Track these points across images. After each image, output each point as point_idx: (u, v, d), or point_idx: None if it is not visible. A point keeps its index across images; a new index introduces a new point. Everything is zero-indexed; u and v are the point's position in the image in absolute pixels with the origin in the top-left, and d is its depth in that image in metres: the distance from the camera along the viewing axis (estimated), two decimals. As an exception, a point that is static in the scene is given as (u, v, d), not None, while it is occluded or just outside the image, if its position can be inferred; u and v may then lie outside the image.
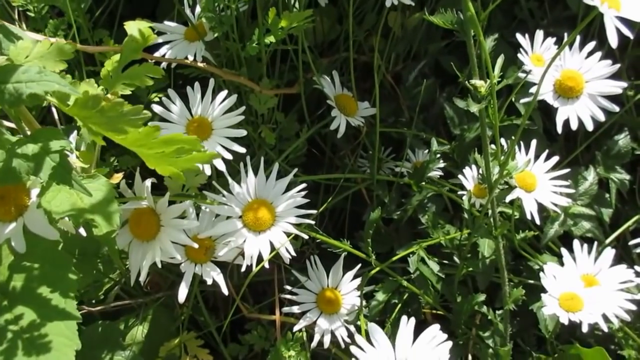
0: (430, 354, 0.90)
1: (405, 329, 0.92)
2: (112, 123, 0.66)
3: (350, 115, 1.23)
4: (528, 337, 1.30)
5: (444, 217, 1.31)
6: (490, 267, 1.20)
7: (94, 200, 0.80)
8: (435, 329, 0.91)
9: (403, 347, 0.91)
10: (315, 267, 1.16)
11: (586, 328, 1.02)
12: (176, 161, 0.73)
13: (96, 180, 0.82)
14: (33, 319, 0.81)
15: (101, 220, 0.78)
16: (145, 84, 0.87)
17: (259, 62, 1.17)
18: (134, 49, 0.87)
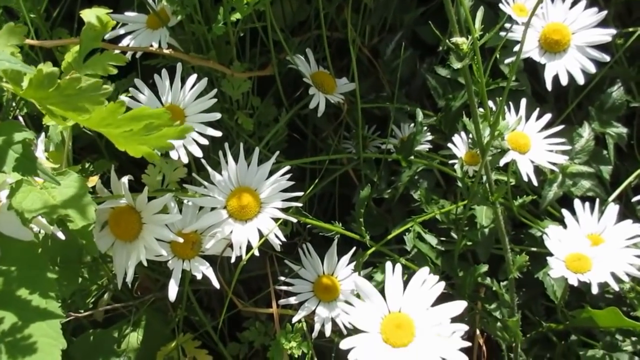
0: (425, 298, 0.87)
1: (393, 277, 0.89)
2: (71, 101, 0.64)
3: (328, 93, 1.20)
4: (536, 307, 1.28)
5: (437, 193, 1.28)
6: (490, 238, 1.18)
7: (67, 196, 0.79)
8: (424, 272, 0.88)
9: (394, 296, 0.88)
10: (308, 254, 1.14)
11: (596, 289, 1.00)
12: (147, 139, 0.70)
13: (67, 177, 0.81)
14: (14, 321, 0.79)
15: (75, 215, 0.77)
16: (108, 73, 0.85)
17: (227, 45, 1.15)
18: (93, 37, 0.85)
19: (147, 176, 1.03)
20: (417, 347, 0.84)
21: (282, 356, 1.10)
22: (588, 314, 1.10)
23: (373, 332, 0.86)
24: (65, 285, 1.02)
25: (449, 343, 0.83)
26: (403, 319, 0.86)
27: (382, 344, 0.85)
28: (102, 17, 0.85)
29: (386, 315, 0.87)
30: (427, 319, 0.86)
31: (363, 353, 0.83)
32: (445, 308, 0.86)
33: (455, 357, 0.82)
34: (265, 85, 1.28)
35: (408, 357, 0.83)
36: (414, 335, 0.85)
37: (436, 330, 0.85)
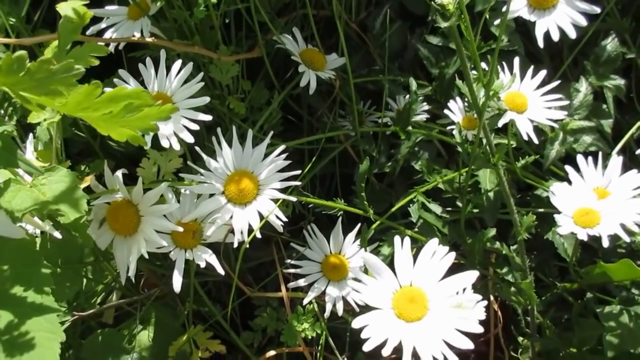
0: (436, 270, 0.85)
1: (402, 251, 0.87)
2: (43, 85, 0.62)
3: (319, 70, 1.18)
4: (549, 269, 1.25)
5: (439, 163, 1.26)
6: (496, 202, 1.16)
7: (57, 191, 0.78)
8: (433, 243, 0.86)
9: (404, 270, 0.86)
10: (314, 235, 1.13)
11: (607, 242, 0.98)
12: (129, 121, 0.68)
13: (56, 172, 0.80)
14: (10, 319, 0.77)
15: (67, 208, 0.76)
16: (90, 65, 0.83)
17: (212, 30, 1.13)
18: (71, 30, 0.83)
19: (142, 169, 1.01)
20: (431, 321, 0.82)
21: (296, 339, 1.09)
22: (601, 269, 1.08)
23: (385, 308, 0.84)
24: (68, 286, 1.00)
25: (464, 314, 0.81)
26: (415, 293, 0.85)
27: (395, 320, 0.83)
28: (79, 9, 0.83)
29: (397, 290, 0.86)
30: (440, 291, 0.84)
31: (376, 330, 0.81)
32: (457, 279, 0.84)
33: (470, 328, 0.80)
34: (255, 69, 1.26)
35: (422, 331, 0.81)
36: (427, 308, 0.83)
37: (449, 301, 0.82)
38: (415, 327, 0.82)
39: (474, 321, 0.80)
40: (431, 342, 0.79)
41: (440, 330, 0.80)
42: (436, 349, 0.79)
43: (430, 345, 0.79)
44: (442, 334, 0.80)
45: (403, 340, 0.80)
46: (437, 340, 0.79)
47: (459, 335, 0.79)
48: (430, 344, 0.79)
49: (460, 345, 0.78)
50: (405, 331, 0.81)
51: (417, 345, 0.79)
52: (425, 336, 0.80)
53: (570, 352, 1.17)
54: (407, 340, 0.80)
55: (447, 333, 0.80)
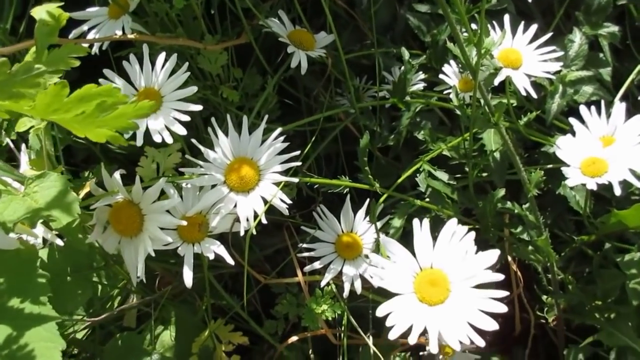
0: (456, 250, 0.81)
1: (421, 233, 0.83)
2: (4, 89, 0.58)
3: (309, 49, 1.13)
4: (565, 224, 1.22)
5: (443, 131, 1.22)
6: (503, 163, 1.12)
7: (49, 197, 0.75)
8: (453, 224, 0.82)
9: (424, 252, 0.82)
10: (324, 216, 1.09)
11: (619, 190, 0.94)
12: (105, 120, 0.64)
13: (47, 178, 0.76)
14: (9, 333, 0.75)
15: (59, 213, 0.73)
16: (71, 66, 0.78)
17: (195, 21, 1.08)
18: (48, 33, 0.78)
19: (141, 168, 0.97)
20: (455, 303, 0.79)
21: (317, 322, 1.05)
22: (616, 218, 1.04)
23: (407, 292, 0.81)
24: (80, 294, 0.97)
25: (486, 294, 0.78)
26: (436, 275, 0.81)
27: (419, 304, 0.80)
28: (53, 11, 0.79)
29: (418, 273, 0.82)
30: (461, 272, 0.80)
31: (400, 317, 0.78)
32: (478, 258, 0.80)
33: (494, 307, 0.77)
34: (246, 56, 1.21)
35: (446, 314, 0.78)
36: (449, 290, 0.80)
37: (471, 282, 0.79)
38: (439, 310, 0.79)
39: (496, 302, 0.77)
40: (456, 325, 0.76)
41: (464, 312, 0.77)
42: (461, 332, 0.76)
43: (455, 328, 0.76)
44: (466, 316, 0.77)
45: (428, 325, 0.77)
46: (461, 323, 0.76)
47: (483, 317, 0.76)
48: (455, 327, 0.76)
49: (485, 326, 0.76)
50: (429, 316, 0.78)
51: (442, 329, 0.76)
52: (449, 320, 0.77)
53: (595, 305, 1.14)
54: (432, 325, 0.77)
55: (471, 315, 0.77)
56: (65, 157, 1.23)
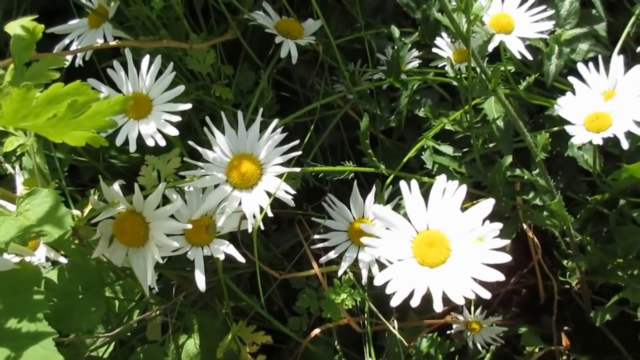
0: (450, 207, 0.76)
1: (411, 195, 0.78)
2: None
3: (297, 38, 1.08)
4: (577, 186, 1.17)
5: (444, 107, 1.17)
6: (508, 130, 1.08)
7: (41, 213, 0.70)
8: (442, 180, 0.77)
9: (418, 215, 0.77)
10: (334, 205, 1.04)
11: (626, 143, 0.89)
12: (80, 122, 0.59)
13: (38, 195, 0.72)
14: (7, 355, 0.70)
15: (50, 228, 0.68)
16: (52, 78, 0.73)
17: (178, 21, 1.03)
18: (24, 47, 0.74)
19: (142, 177, 0.92)
20: (456, 260, 0.74)
21: (339, 312, 1.01)
22: (627, 172, 0.99)
23: (406, 258, 0.76)
24: (94, 311, 0.93)
25: (488, 246, 0.73)
26: (434, 236, 0.76)
27: (419, 268, 0.75)
28: (28, 25, 0.74)
29: (415, 237, 0.77)
30: (458, 228, 0.75)
31: (401, 283, 0.73)
32: (473, 212, 0.75)
33: (498, 258, 0.72)
34: (235, 53, 1.17)
35: (449, 274, 0.73)
36: (449, 249, 0.75)
37: (471, 237, 0.74)
38: (441, 270, 0.74)
39: (499, 252, 0.72)
40: (460, 282, 0.71)
41: (467, 268, 0.72)
42: (465, 288, 0.70)
43: (459, 286, 0.71)
44: (469, 271, 0.72)
45: (431, 287, 0.72)
46: (465, 280, 0.71)
47: (487, 270, 0.71)
48: (459, 285, 0.71)
49: (491, 278, 0.71)
50: (431, 277, 0.73)
51: (446, 288, 0.71)
52: (452, 278, 0.72)
53: (617, 263, 1.09)
54: (435, 286, 0.71)
55: (474, 270, 0.72)
56: (72, 177, 1.19)
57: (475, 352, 1.18)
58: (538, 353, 1.15)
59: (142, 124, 0.90)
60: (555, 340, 1.19)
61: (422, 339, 1.14)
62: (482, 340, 1.14)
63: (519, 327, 1.22)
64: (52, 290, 0.91)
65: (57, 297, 0.91)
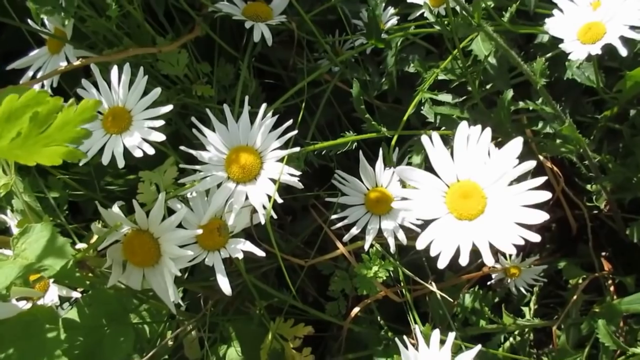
0: (477, 154, 0.70)
1: (434, 148, 0.71)
2: None
3: (267, 19, 1.02)
4: (583, 108, 1.12)
5: (433, 60, 1.10)
6: (502, 67, 1.02)
7: (39, 249, 0.64)
8: (464, 127, 0.71)
9: (445, 167, 0.71)
10: (345, 180, 0.97)
11: (624, 50, 0.84)
12: (49, 136, 0.52)
13: (32, 231, 0.66)
14: None
15: (51, 261, 0.63)
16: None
17: (140, 28, 0.97)
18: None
19: (142, 194, 0.86)
20: (495, 208, 0.68)
21: (374, 286, 0.94)
22: (631, 80, 0.95)
23: (442, 214, 0.70)
24: (123, 341, 0.87)
25: (524, 187, 0.67)
26: (466, 187, 0.70)
27: (458, 223, 0.69)
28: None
29: (447, 191, 0.71)
30: (490, 174, 0.69)
31: (443, 241, 0.67)
32: (503, 154, 0.69)
33: (537, 198, 0.66)
34: (210, 50, 1.10)
35: (490, 222, 0.67)
36: (485, 197, 0.69)
37: (504, 181, 0.68)
38: (482, 221, 0.68)
39: (536, 191, 0.66)
40: (504, 230, 0.65)
41: (508, 214, 0.66)
42: (512, 234, 0.65)
43: (505, 234, 0.65)
44: (512, 217, 0.66)
45: (475, 240, 0.66)
46: (509, 226, 0.66)
47: (530, 211, 0.66)
48: (505, 232, 0.65)
49: (536, 220, 0.65)
50: (473, 230, 0.67)
51: (492, 239, 0.65)
52: (496, 227, 0.66)
53: (640, 175, 1.03)
54: (479, 238, 0.66)
55: (516, 214, 0.66)
56: (74, 216, 1.15)
57: (520, 297, 1.15)
58: (583, 283, 1.10)
59: (125, 137, 0.85)
60: (597, 266, 1.13)
61: (465, 296, 1.09)
62: (524, 283, 1.09)
63: (558, 262, 1.17)
64: (75, 329, 0.85)
65: (82, 335, 0.85)
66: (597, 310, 1.06)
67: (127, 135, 0.84)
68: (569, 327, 1.07)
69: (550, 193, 0.65)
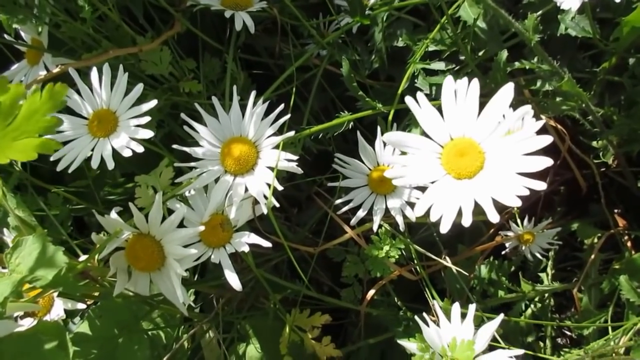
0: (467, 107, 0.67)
1: (421, 109, 0.69)
2: None
3: (248, 6, 0.98)
4: (580, 63, 1.08)
5: (421, 32, 1.07)
6: (492, 30, 0.99)
7: (32, 261, 0.60)
8: (449, 82, 0.68)
9: (435, 127, 0.68)
10: (345, 163, 0.93)
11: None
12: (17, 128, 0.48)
13: (24, 244, 0.63)
14: None
15: (43, 271, 0.60)
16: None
17: (119, 29, 0.93)
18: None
19: (140, 198, 0.82)
20: (494, 162, 0.65)
21: (387, 266, 0.91)
22: (627, 25, 0.92)
23: (440, 176, 0.66)
24: (137, 349, 0.83)
25: (521, 136, 0.63)
26: (461, 144, 0.67)
27: (458, 183, 0.65)
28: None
29: (441, 152, 0.67)
30: (484, 126, 0.66)
31: (443, 204, 0.63)
32: (494, 104, 0.66)
33: (537, 144, 0.62)
34: (193, 46, 1.07)
35: (492, 178, 0.64)
36: (482, 152, 0.66)
37: (499, 132, 0.65)
38: (482, 177, 0.65)
39: (535, 136, 0.62)
40: (507, 183, 0.62)
41: (509, 166, 0.63)
42: (515, 186, 0.61)
43: (508, 187, 0.62)
44: (513, 168, 0.62)
45: (477, 198, 0.62)
46: (512, 178, 0.62)
47: (531, 159, 0.62)
48: (507, 186, 0.62)
49: (539, 166, 0.61)
50: (474, 188, 0.64)
51: (495, 194, 0.62)
52: (497, 182, 0.63)
53: (647, 123, 1.00)
54: (481, 196, 0.62)
55: (518, 164, 0.62)
56: (80, 231, 1.11)
57: (536, 263, 1.12)
58: (599, 242, 1.06)
59: (113, 139, 0.82)
60: (612, 223, 1.10)
61: (481, 267, 1.05)
62: (539, 249, 1.06)
63: (570, 224, 1.14)
64: (88, 342, 0.82)
65: (96, 347, 0.82)
66: (617, 267, 1.02)
67: (115, 136, 0.81)
68: (589, 288, 1.04)
69: (551, 137, 0.62)
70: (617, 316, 1.00)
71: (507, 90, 0.64)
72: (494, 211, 0.61)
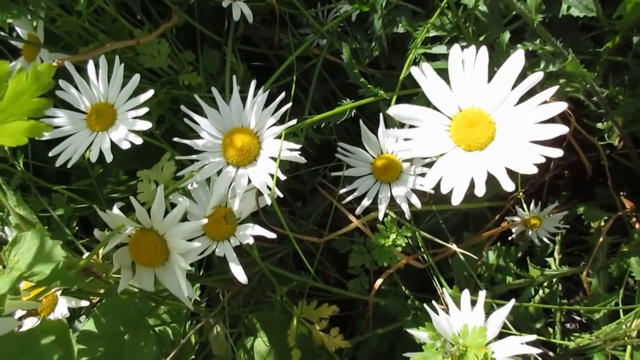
0: (475, 77, 0.65)
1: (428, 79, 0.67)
2: None
3: (245, -5, 0.96)
4: (583, 45, 1.05)
5: (420, 20, 1.04)
6: (493, 12, 0.95)
7: (30, 257, 0.59)
8: (456, 50, 0.66)
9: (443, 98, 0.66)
10: (348, 152, 0.91)
11: None
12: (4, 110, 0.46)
13: (22, 241, 0.62)
14: None
15: (41, 267, 0.58)
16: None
17: (115, 23, 0.91)
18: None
19: (142, 193, 0.80)
20: (506, 131, 0.62)
21: (393, 255, 0.89)
22: (630, 2, 0.90)
23: (449, 149, 0.64)
24: (144, 345, 0.82)
25: (533, 104, 0.61)
26: (470, 115, 0.65)
27: (468, 155, 0.63)
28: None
29: (450, 124, 0.65)
30: (493, 96, 0.63)
31: (454, 176, 0.61)
32: (504, 73, 0.63)
33: (548, 113, 0.60)
34: (192, 38, 1.05)
35: (504, 148, 0.62)
36: (492, 122, 0.63)
37: (510, 101, 0.62)
38: (494, 148, 0.62)
39: (545, 106, 0.60)
40: (521, 152, 0.60)
41: (522, 134, 0.61)
42: (530, 154, 0.59)
43: (522, 156, 0.59)
44: (526, 136, 0.60)
45: (490, 169, 0.61)
46: (525, 147, 0.60)
47: (545, 127, 0.60)
48: (521, 155, 0.60)
49: (553, 133, 0.59)
50: (486, 159, 0.62)
51: (509, 164, 0.60)
52: (510, 151, 0.61)
53: (650, 102, 0.98)
54: (495, 166, 0.60)
55: (531, 132, 0.60)
56: (87, 230, 1.10)
57: (543, 247, 1.10)
58: (606, 225, 1.04)
59: (112, 132, 0.80)
60: (619, 206, 1.08)
61: (488, 253, 1.03)
62: (546, 233, 1.04)
63: (577, 207, 1.12)
64: (94, 340, 0.80)
65: (102, 345, 0.81)
66: (625, 249, 1.00)
67: (113, 130, 0.80)
68: (598, 271, 1.02)
69: (565, 103, 0.60)
70: (626, 299, 0.99)
71: (518, 58, 0.62)
72: (509, 180, 0.59)
